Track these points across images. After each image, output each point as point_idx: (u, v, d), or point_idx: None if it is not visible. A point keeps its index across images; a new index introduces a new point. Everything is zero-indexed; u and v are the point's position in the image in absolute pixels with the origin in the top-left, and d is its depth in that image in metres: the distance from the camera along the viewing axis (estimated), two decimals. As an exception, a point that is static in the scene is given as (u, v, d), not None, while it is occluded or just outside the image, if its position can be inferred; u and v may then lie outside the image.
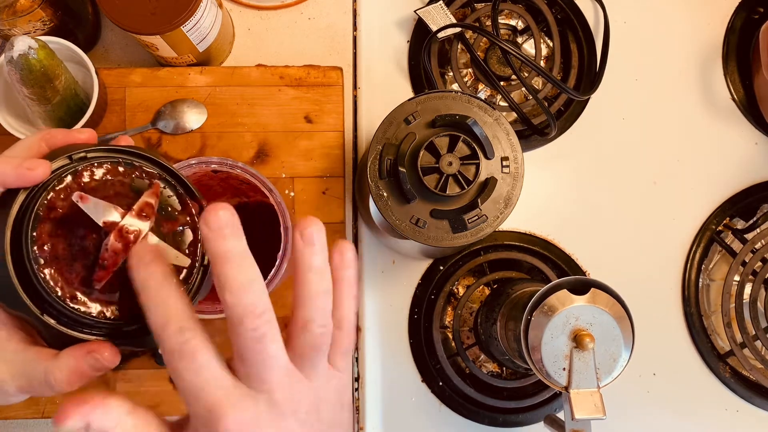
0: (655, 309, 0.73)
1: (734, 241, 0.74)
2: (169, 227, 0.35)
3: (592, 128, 0.75)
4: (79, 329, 0.33)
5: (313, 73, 0.71)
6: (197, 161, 0.51)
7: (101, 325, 0.33)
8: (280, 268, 0.51)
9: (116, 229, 0.32)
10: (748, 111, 0.76)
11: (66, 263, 0.32)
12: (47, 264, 0.32)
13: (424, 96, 0.53)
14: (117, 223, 0.32)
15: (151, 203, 0.33)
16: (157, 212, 0.34)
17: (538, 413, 0.70)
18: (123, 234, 0.32)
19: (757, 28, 0.74)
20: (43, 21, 0.63)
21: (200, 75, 0.70)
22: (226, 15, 0.71)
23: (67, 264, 0.32)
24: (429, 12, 0.71)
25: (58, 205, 0.32)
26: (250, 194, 0.64)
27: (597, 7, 0.76)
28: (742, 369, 0.72)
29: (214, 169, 0.52)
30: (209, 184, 0.58)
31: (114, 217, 0.32)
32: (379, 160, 0.52)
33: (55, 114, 0.62)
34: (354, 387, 0.70)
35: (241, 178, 0.53)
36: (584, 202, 0.74)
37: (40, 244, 0.32)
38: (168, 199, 0.35)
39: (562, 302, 0.51)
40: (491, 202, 0.52)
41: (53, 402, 0.66)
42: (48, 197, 0.32)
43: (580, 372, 0.50)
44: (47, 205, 0.32)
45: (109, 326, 0.34)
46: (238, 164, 0.52)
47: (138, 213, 0.33)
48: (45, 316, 0.32)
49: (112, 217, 0.32)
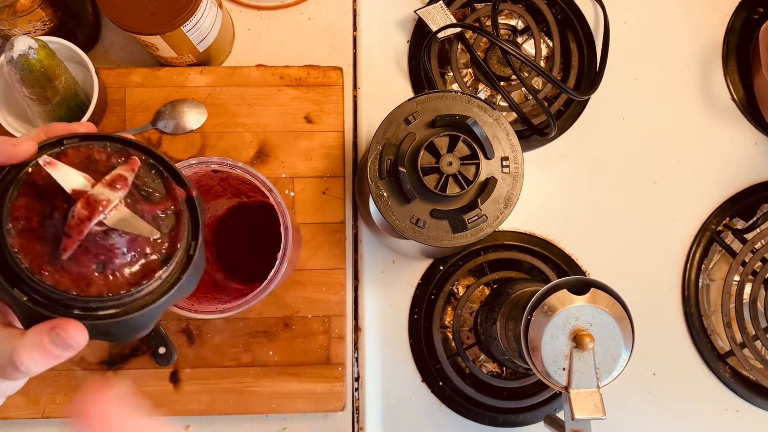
0: (655, 309, 0.73)
1: (734, 241, 0.74)
2: (150, 209, 0.34)
3: (592, 128, 0.75)
4: (51, 307, 0.32)
5: (313, 73, 0.71)
6: (197, 161, 0.51)
7: (72, 304, 0.32)
8: (280, 268, 0.51)
9: (84, 197, 0.31)
10: (748, 111, 0.76)
11: (39, 236, 0.31)
12: (19, 236, 0.31)
13: (424, 96, 0.53)
14: (86, 192, 0.31)
15: (125, 176, 0.32)
16: (137, 193, 0.34)
17: (538, 413, 0.70)
18: (90, 202, 0.31)
19: (757, 28, 0.74)
20: (44, 21, 0.63)
21: (200, 75, 0.70)
22: (226, 15, 0.71)
23: (41, 237, 0.31)
24: (429, 12, 0.71)
25: (37, 180, 0.32)
26: (251, 194, 0.64)
27: (597, 7, 0.76)
28: (742, 369, 0.72)
29: (214, 169, 0.52)
30: (209, 184, 0.58)
31: (84, 185, 0.31)
32: (379, 160, 0.52)
33: (55, 114, 0.62)
34: (354, 387, 0.70)
35: (241, 178, 0.53)
36: (584, 202, 0.74)
37: (15, 217, 0.31)
38: (152, 183, 0.35)
39: (562, 302, 0.51)
40: (491, 202, 0.52)
41: (53, 402, 0.66)
42: (29, 171, 0.32)
43: (580, 372, 0.50)
44: (26, 179, 0.32)
45: (81, 306, 0.33)
46: (238, 164, 0.52)
47: (109, 183, 0.32)
48: (16, 290, 0.31)
49: (82, 185, 0.31)
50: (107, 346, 0.66)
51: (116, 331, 0.35)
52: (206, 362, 0.67)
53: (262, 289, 0.51)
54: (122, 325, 0.34)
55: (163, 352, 0.65)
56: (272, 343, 0.67)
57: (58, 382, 0.66)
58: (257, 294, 0.51)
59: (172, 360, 0.66)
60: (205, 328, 0.67)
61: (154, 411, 0.66)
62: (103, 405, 0.34)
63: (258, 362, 0.67)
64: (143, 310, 0.34)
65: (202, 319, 0.66)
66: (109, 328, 0.34)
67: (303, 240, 0.68)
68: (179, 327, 0.67)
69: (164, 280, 0.34)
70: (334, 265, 0.69)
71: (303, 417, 0.69)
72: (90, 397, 0.34)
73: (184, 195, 0.35)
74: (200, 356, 0.67)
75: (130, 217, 0.32)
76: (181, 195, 0.35)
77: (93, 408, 0.34)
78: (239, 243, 0.69)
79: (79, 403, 0.34)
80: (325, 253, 0.69)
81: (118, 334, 0.36)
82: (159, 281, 0.34)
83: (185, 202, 0.36)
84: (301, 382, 0.67)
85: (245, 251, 0.69)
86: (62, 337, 0.32)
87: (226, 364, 0.67)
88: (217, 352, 0.67)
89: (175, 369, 0.67)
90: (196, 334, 0.67)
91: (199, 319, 0.66)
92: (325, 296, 0.68)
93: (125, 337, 0.37)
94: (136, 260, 0.33)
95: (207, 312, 0.51)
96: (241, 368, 0.67)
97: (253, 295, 0.51)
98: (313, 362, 0.67)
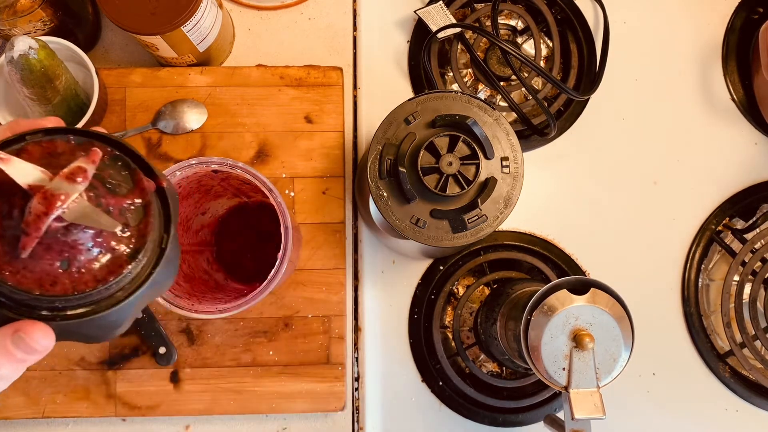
0: (655, 309, 0.73)
1: (734, 241, 0.74)
2: (116, 202, 0.33)
3: (592, 128, 0.75)
4: (16, 309, 0.31)
5: (313, 73, 0.71)
6: (197, 161, 0.52)
7: (38, 304, 0.31)
8: (280, 268, 0.51)
9: (41, 192, 0.29)
10: (748, 111, 0.76)
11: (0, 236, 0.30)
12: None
13: (424, 96, 0.53)
14: (43, 186, 0.30)
15: (86, 168, 0.31)
16: (102, 186, 0.32)
17: (538, 413, 0.70)
18: (47, 197, 0.29)
19: (757, 28, 0.74)
20: (44, 21, 0.63)
21: (200, 75, 0.70)
22: (226, 15, 0.71)
23: (1, 237, 0.30)
24: (429, 12, 0.71)
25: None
26: (251, 194, 0.64)
27: (597, 7, 0.76)
28: (741, 369, 0.72)
29: (214, 170, 0.52)
30: (210, 184, 0.59)
31: (41, 180, 0.30)
32: (379, 160, 0.52)
33: (55, 114, 0.62)
34: (354, 387, 0.70)
35: (241, 178, 0.53)
36: (584, 202, 0.74)
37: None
38: (119, 175, 0.34)
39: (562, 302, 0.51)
40: (491, 202, 0.52)
41: (53, 402, 0.66)
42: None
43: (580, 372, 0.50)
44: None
45: (48, 306, 0.31)
46: (238, 164, 0.52)
47: (68, 176, 0.30)
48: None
49: (38, 179, 0.30)
50: (107, 346, 0.66)
51: (88, 331, 0.34)
52: (206, 362, 0.67)
53: (262, 289, 0.51)
54: (93, 324, 0.33)
55: (164, 352, 0.65)
56: (272, 343, 0.67)
57: (58, 382, 0.66)
58: (257, 294, 0.51)
59: (173, 360, 0.66)
60: (205, 328, 0.67)
61: (154, 411, 0.66)
62: None
63: (258, 362, 0.67)
64: (114, 307, 0.32)
65: (203, 319, 0.66)
66: (79, 328, 0.33)
67: (303, 240, 0.68)
68: (179, 327, 0.67)
69: (135, 276, 0.33)
70: (334, 265, 0.69)
71: (303, 417, 0.69)
72: None
73: (153, 187, 0.34)
74: (200, 356, 0.67)
75: (90, 211, 0.31)
76: (150, 187, 0.34)
77: None
78: (239, 243, 0.69)
79: None
80: (325, 253, 0.69)
81: (90, 334, 0.34)
82: (129, 277, 0.33)
83: (155, 193, 0.34)
84: (301, 382, 0.67)
85: (245, 251, 0.69)
86: (25, 340, 0.30)
87: (226, 364, 0.67)
88: (217, 352, 0.67)
89: (175, 369, 0.67)
90: (197, 334, 0.67)
91: (199, 319, 0.67)
92: (325, 296, 0.68)
93: (98, 337, 0.35)
94: (103, 256, 0.32)
95: (207, 312, 0.51)
96: (241, 368, 0.67)
97: (253, 295, 0.51)
98: (313, 362, 0.67)
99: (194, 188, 0.57)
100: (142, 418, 0.68)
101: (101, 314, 0.32)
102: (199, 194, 0.60)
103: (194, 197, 0.60)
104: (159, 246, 0.34)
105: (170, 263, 0.35)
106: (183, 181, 0.53)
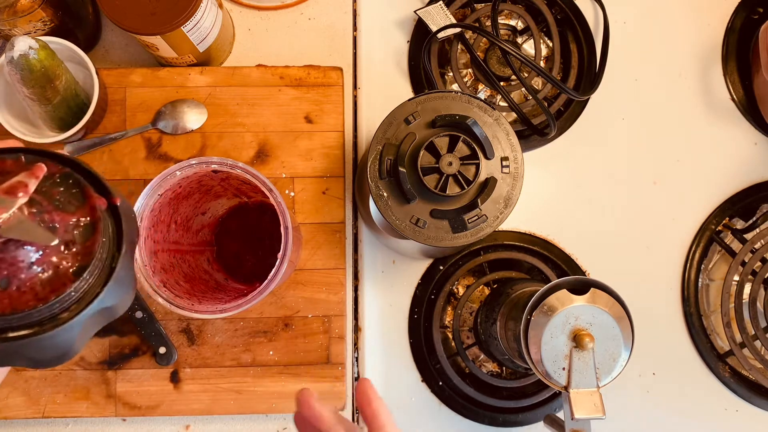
0: (655, 309, 0.73)
1: (734, 241, 0.74)
2: (62, 219, 0.32)
3: (592, 128, 0.75)
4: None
5: (313, 73, 0.71)
6: (197, 161, 0.52)
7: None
8: (280, 268, 0.51)
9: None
10: (748, 111, 0.76)
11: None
12: None
13: (424, 96, 0.53)
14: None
15: (26, 183, 0.31)
16: (49, 203, 0.32)
17: (538, 413, 0.70)
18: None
19: (757, 28, 0.74)
20: (44, 21, 0.63)
21: (200, 75, 0.70)
22: (226, 15, 0.71)
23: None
24: (429, 12, 0.71)
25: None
26: (251, 194, 0.64)
27: (597, 8, 0.76)
28: (741, 369, 0.72)
29: (214, 170, 0.52)
30: (210, 185, 0.59)
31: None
32: (379, 160, 0.52)
33: (55, 114, 0.63)
34: (354, 387, 0.70)
35: (241, 178, 0.53)
36: (584, 203, 0.74)
37: None
38: (68, 192, 0.33)
39: (561, 302, 0.51)
40: (491, 202, 0.52)
41: (53, 402, 0.66)
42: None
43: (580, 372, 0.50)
44: None
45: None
46: (238, 164, 0.52)
47: (6, 191, 0.30)
48: None
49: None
50: (107, 346, 0.66)
51: (33, 354, 0.33)
52: (206, 362, 0.67)
53: (262, 288, 0.51)
54: (37, 346, 0.32)
55: (164, 352, 0.65)
56: (272, 343, 0.67)
57: (59, 381, 0.66)
58: (257, 294, 0.51)
59: (173, 360, 0.66)
60: (205, 328, 0.67)
61: (154, 410, 0.66)
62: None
63: (258, 362, 0.67)
64: (58, 328, 0.31)
65: (203, 319, 0.66)
66: (22, 350, 0.32)
67: (303, 240, 0.69)
68: (179, 327, 0.67)
69: (83, 295, 0.32)
70: (334, 265, 0.69)
71: (303, 417, 0.69)
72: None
73: (104, 204, 0.34)
74: (200, 356, 0.67)
75: (27, 225, 0.31)
76: (101, 204, 0.33)
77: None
78: (239, 243, 0.69)
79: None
80: (325, 253, 0.69)
81: (37, 357, 0.33)
82: (75, 296, 0.32)
83: (108, 211, 0.34)
84: (301, 382, 0.67)
85: (245, 251, 0.69)
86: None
87: (226, 364, 0.67)
88: (217, 352, 0.67)
89: (176, 369, 0.67)
90: (197, 334, 0.67)
91: (199, 319, 0.67)
92: (325, 296, 0.68)
93: (47, 362, 0.34)
94: (45, 273, 0.31)
95: (207, 312, 0.51)
96: (241, 368, 0.67)
97: (253, 294, 0.51)
98: (313, 362, 0.67)
99: (195, 188, 0.58)
100: (142, 418, 0.68)
101: (44, 335, 0.31)
102: (199, 194, 0.60)
103: (194, 197, 0.60)
104: (110, 265, 0.33)
105: (122, 283, 0.34)
106: (183, 181, 0.54)
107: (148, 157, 0.69)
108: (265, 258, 0.68)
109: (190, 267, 0.61)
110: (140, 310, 0.66)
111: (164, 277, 0.54)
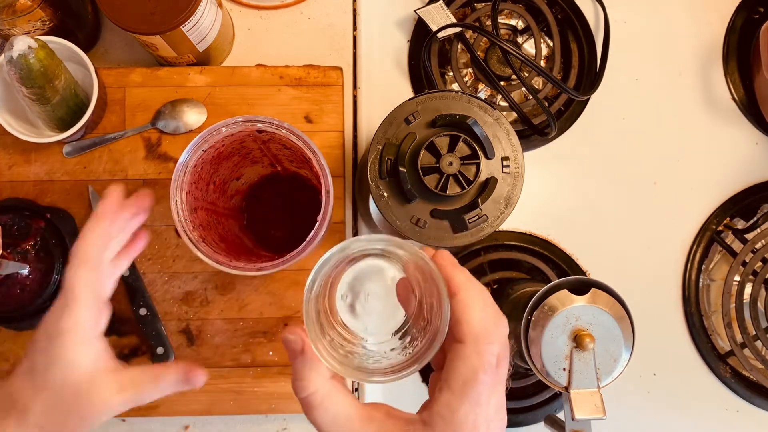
0: (656, 309, 0.73)
1: (734, 241, 0.74)
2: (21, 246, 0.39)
3: (592, 128, 0.75)
4: None
5: (313, 73, 0.71)
6: (243, 119, 0.51)
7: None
8: (319, 230, 0.51)
9: None
10: (749, 111, 0.76)
11: None
12: None
13: (424, 96, 0.53)
14: None
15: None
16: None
17: (538, 413, 0.70)
18: None
19: (758, 28, 0.74)
20: (43, 21, 0.63)
21: (200, 75, 0.70)
22: (226, 15, 0.71)
23: None
24: (429, 12, 0.71)
25: None
26: (286, 163, 0.63)
27: (597, 7, 0.76)
28: (742, 369, 0.72)
29: (259, 129, 0.52)
30: (250, 147, 0.57)
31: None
32: (380, 160, 0.52)
33: (54, 114, 0.62)
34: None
35: (284, 140, 0.52)
36: (584, 203, 0.74)
37: None
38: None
39: (562, 302, 0.51)
40: (491, 202, 0.52)
41: (53, 402, 0.66)
42: None
43: (581, 372, 0.50)
44: None
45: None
46: (283, 124, 0.51)
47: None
48: None
49: None
50: (107, 346, 0.66)
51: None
52: (206, 362, 0.67)
53: (301, 249, 0.51)
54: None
55: (161, 353, 0.65)
56: (272, 343, 0.67)
57: (58, 382, 0.66)
58: (296, 254, 0.50)
59: (170, 360, 0.66)
60: (204, 329, 0.67)
61: (154, 411, 0.66)
62: None
63: (258, 362, 0.67)
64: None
65: (203, 319, 0.66)
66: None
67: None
68: (179, 327, 0.67)
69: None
70: (334, 265, 0.69)
71: (303, 417, 0.68)
72: None
73: (43, 224, 0.41)
74: (200, 356, 0.67)
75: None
76: (37, 225, 0.40)
77: None
78: (269, 213, 0.68)
79: None
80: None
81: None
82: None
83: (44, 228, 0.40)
84: (301, 383, 0.67)
85: (275, 221, 0.69)
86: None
87: (225, 364, 0.67)
88: (217, 352, 0.67)
89: (175, 369, 0.66)
90: (196, 334, 0.67)
91: (199, 319, 0.67)
92: (325, 296, 0.68)
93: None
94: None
95: (245, 269, 0.50)
96: (241, 368, 0.67)
97: (291, 255, 0.51)
98: (313, 362, 0.67)
99: (236, 149, 0.57)
100: (141, 419, 0.67)
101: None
102: (238, 157, 0.59)
103: (233, 159, 0.59)
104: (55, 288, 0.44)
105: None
106: (227, 140, 0.53)
107: (147, 157, 0.69)
108: (294, 230, 0.67)
109: (225, 229, 0.61)
110: (145, 307, 0.66)
111: (203, 233, 0.53)
